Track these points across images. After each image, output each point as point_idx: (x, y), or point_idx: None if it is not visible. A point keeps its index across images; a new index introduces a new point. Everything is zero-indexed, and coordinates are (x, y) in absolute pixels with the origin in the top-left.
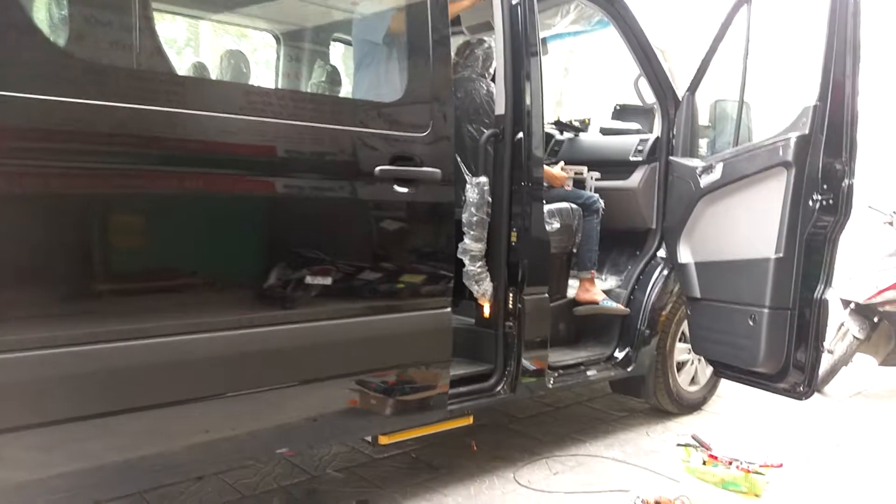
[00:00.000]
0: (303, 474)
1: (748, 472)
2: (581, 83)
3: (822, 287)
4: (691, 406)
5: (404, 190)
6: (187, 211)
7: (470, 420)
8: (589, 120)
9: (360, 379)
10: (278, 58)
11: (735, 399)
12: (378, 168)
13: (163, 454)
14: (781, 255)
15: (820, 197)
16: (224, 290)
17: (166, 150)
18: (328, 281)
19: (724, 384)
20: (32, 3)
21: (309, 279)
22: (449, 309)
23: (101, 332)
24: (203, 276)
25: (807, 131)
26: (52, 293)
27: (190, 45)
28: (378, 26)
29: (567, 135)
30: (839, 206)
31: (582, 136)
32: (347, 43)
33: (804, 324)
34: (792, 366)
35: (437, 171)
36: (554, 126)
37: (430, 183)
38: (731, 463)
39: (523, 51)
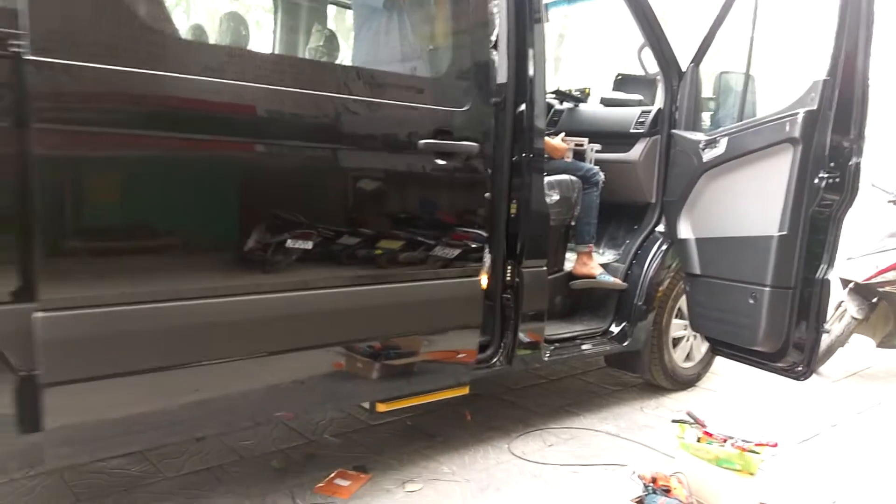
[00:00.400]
0: (300, 438)
1: (743, 450)
2: (578, 50)
3: (825, 267)
4: (686, 382)
5: (444, 162)
6: (273, 180)
7: (466, 390)
8: (589, 90)
9: (405, 340)
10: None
11: (730, 376)
12: (422, 141)
13: (242, 399)
14: (785, 232)
15: (826, 175)
16: (298, 253)
17: (258, 122)
18: (386, 247)
19: (720, 361)
20: None
21: (363, 245)
22: (479, 277)
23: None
24: (283, 240)
25: (815, 107)
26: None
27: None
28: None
29: (567, 105)
30: (845, 185)
31: (582, 106)
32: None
33: (805, 303)
34: (791, 345)
35: (475, 144)
36: (554, 96)
37: (467, 156)
38: (725, 441)
39: (526, 18)
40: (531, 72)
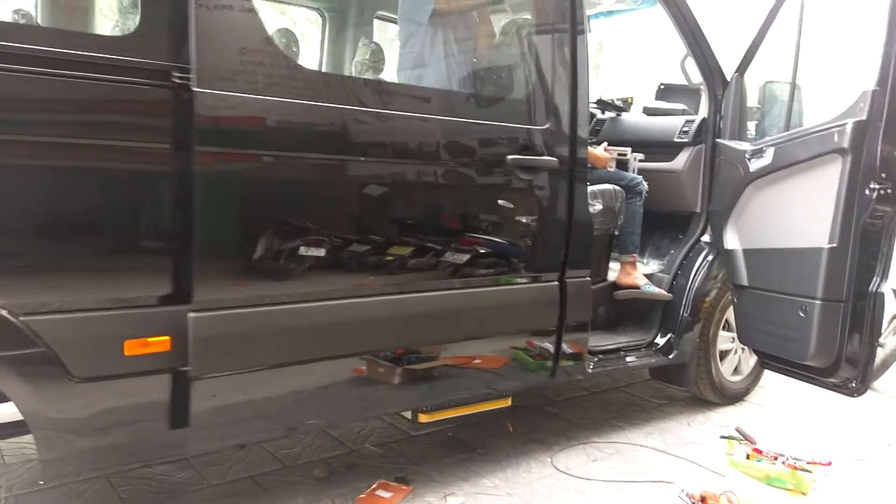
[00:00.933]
0: (342, 447)
1: (795, 468)
2: (617, 58)
3: (878, 280)
4: (733, 397)
5: (527, 177)
6: (390, 197)
7: (509, 401)
8: (632, 99)
9: (497, 339)
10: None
11: (779, 391)
12: (509, 157)
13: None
14: (835, 245)
15: (877, 186)
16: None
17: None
18: (478, 253)
19: (768, 375)
20: None
21: (457, 252)
22: (557, 283)
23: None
24: (406, 251)
25: (864, 117)
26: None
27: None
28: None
29: (609, 114)
30: None
31: (624, 115)
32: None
33: (858, 317)
34: (844, 360)
35: (555, 159)
36: (596, 105)
37: (548, 170)
38: (776, 458)
39: (570, 30)
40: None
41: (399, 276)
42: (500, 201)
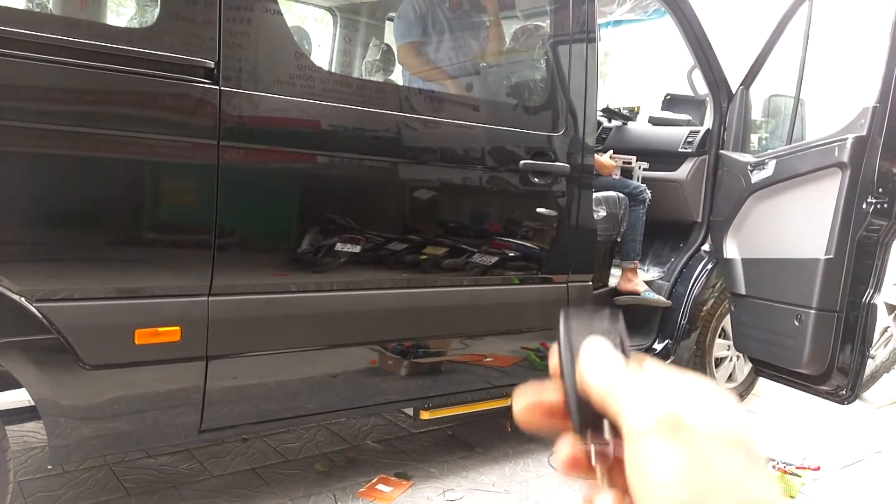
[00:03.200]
0: (343, 443)
1: (784, 472)
2: (623, 68)
3: (871, 291)
4: None
5: (540, 181)
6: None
7: (508, 401)
8: (638, 108)
9: (507, 338)
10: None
11: (771, 399)
12: (522, 161)
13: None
14: (831, 256)
15: (874, 200)
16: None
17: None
18: (493, 253)
19: (761, 384)
20: None
21: (467, 252)
22: (566, 285)
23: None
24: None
25: (864, 133)
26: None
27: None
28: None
29: (615, 122)
30: (894, 211)
31: (630, 124)
32: None
33: (851, 327)
34: (836, 369)
35: (567, 165)
36: (603, 113)
37: (560, 175)
38: (766, 462)
39: (582, 38)
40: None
41: (412, 271)
42: (512, 205)
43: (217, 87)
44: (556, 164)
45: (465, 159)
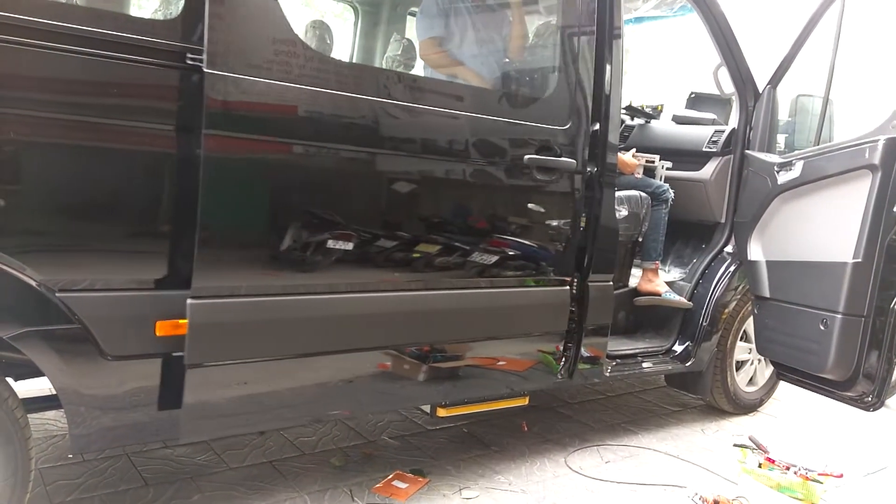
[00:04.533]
0: (359, 438)
1: (806, 479)
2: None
3: None
4: (747, 407)
5: (545, 177)
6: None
7: (525, 401)
8: (662, 107)
9: (510, 341)
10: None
11: (792, 403)
12: (527, 156)
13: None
14: (859, 260)
15: None
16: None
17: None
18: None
19: (782, 388)
20: None
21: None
22: (568, 287)
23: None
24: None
25: None
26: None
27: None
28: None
29: (638, 121)
30: None
31: (654, 122)
32: None
33: (878, 333)
34: (862, 375)
35: (573, 161)
36: (626, 111)
37: (566, 171)
38: (788, 468)
39: (606, 34)
40: (608, 87)
41: (414, 272)
42: (530, 202)
43: (203, 71)
44: (562, 159)
45: (481, 154)
